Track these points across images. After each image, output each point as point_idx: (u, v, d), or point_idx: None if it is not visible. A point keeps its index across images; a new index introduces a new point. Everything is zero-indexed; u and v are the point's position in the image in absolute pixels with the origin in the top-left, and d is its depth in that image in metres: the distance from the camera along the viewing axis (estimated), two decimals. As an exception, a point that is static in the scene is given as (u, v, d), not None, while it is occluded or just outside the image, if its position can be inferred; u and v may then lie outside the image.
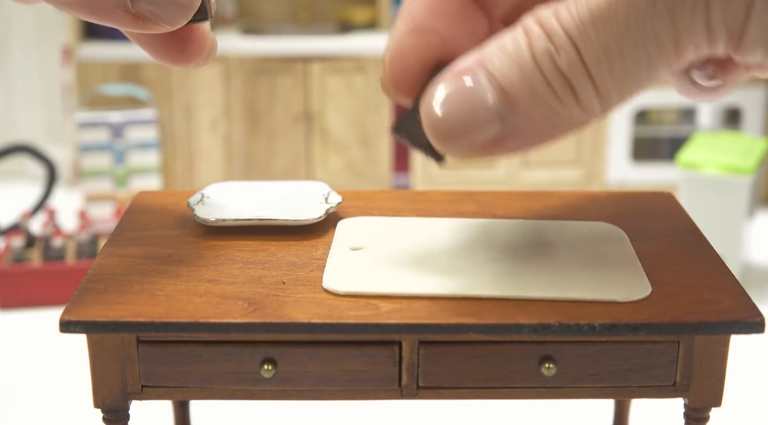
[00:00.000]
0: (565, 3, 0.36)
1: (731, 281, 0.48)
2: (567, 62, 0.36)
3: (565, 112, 0.37)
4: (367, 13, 2.83)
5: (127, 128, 2.42)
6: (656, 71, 0.36)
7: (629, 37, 0.35)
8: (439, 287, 0.46)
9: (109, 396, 0.48)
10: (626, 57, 0.35)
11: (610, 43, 0.35)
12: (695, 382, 0.47)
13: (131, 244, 0.53)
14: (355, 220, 0.56)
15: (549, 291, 0.46)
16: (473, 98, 0.37)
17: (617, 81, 0.36)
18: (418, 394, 0.48)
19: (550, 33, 0.36)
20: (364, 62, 2.67)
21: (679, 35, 0.35)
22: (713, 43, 0.35)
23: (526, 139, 0.38)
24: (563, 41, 0.35)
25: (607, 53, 0.35)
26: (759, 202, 2.47)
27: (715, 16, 0.34)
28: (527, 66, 0.36)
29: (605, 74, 0.36)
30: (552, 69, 0.36)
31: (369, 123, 2.71)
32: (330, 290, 0.47)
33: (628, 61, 0.35)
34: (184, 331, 0.45)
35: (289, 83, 2.65)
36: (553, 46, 0.36)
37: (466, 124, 0.38)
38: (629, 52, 0.35)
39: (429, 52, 0.43)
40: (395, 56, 0.43)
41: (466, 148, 0.39)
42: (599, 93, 0.36)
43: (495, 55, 0.37)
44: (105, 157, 2.42)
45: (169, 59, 0.47)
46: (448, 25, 0.42)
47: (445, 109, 0.38)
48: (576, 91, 0.36)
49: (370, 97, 2.69)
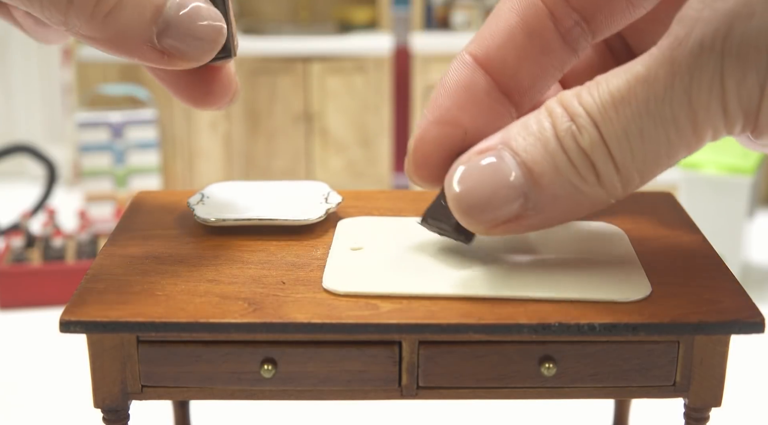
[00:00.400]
0: (587, 86, 0.38)
1: (731, 281, 0.48)
2: (589, 142, 0.37)
3: (587, 190, 0.38)
4: (367, 13, 2.83)
5: (127, 128, 2.42)
6: (676, 153, 0.37)
7: (649, 119, 0.36)
8: (439, 287, 0.47)
9: (109, 396, 0.48)
10: (646, 138, 0.36)
11: (630, 124, 0.36)
12: (695, 382, 0.47)
13: (131, 244, 0.53)
14: (355, 220, 0.56)
15: (549, 291, 0.46)
16: (497, 174, 0.39)
17: (638, 161, 0.37)
18: (418, 394, 0.48)
19: (573, 114, 0.37)
20: (364, 62, 2.66)
21: (697, 117, 0.36)
22: (731, 126, 0.36)
23: (548, 216, 0.40)
24: (585, 122, 0.37)
25: (627, 134, 0.36)
26: (759, 202, 2.47)
27: (730, 97, 0.35)
28: (551, 144, 0.37)
29: (626, 154, 0.37)
30: (574, 148, 0.37)
31: (369, 123, 2.71)
32: (330, 290, 0.47)
33: (648, 143, 0.36)
34: (184, 331, 0.45)
35: (289, 83, 2.65)
36: (576, 126, 0.37)
37: (489, 199, 0.39)
38: (649, 133, 0.36)
39: (451, 144, 0.44)
40: (418, 146, 0.45)
41: (489, 222, 0.40)
42: (620, 173, 0.37)
43: (519, 134, 0.39)
44: (105, 157, 2.42)
45: (192, 100, 0.48)
46: (472, 118, 0.44)
47: (470, 184, 0.40)
48: (598, 170, 0.38)
49: (370, 97, 2.69)
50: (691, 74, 0.35)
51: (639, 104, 0.36)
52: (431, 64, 2.71)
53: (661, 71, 0.36)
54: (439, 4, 2.85)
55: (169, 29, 0.41)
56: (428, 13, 2.84)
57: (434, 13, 2.85)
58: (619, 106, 0.36)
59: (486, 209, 0.40)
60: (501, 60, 0.43)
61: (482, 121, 0.44)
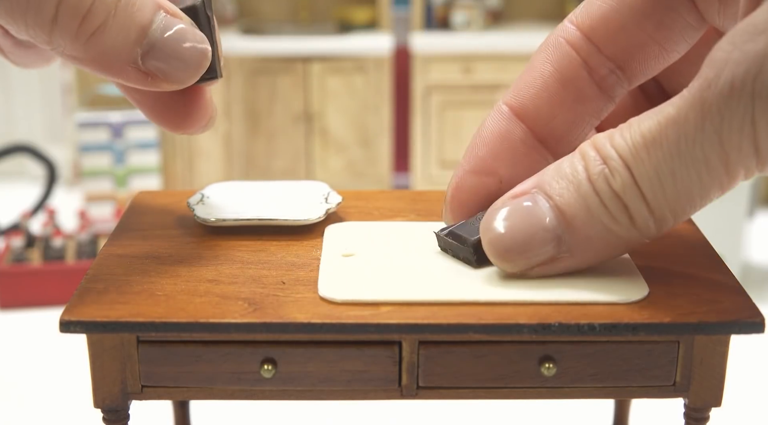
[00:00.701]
0: (619, 128, 0.38)
1: (731, 281, 0.48)
2: (621, 184, 0.38)
3: (620, 231, 0.39)
4: (367, 13, 2.83)
5: (127, 128, 2.42)
6: (708, 192, 0.38)
7: (680, 160, 0.36)
8: (437, 293, 0.46)
9: (109, 396, 0.48)
10: (678, 179, 0.37)
11: (662, 166, 0.37)
12: (695, 382, 0.47)
13: (131, 244, 0.53)
14: (342, 226, 0.56)
15: (546, 294, 0.46)
16: (532, 218, 0.40)
17: (670, 201, 0.38)
18: (418, 394, 0.48)
19: (605, 157, 0.38)
20: (364, 62, 2.67)
21: (729, 157, 0.36)
22: (763, 165, 0.37)
23: (581, 257, 0.41)
24: (617, 164, 0.38)
25: (659, 175, 0.37)
26: (759, 202, 2.48)
27: (762, 137, 0.35)
28: (583, 188, 0.38)
29: (658, 195, 0.37)
30: (607, 190, 0.38)
31: (369, 123, 2.71)
32: (327, 298, 0.46)
33: (680, 183, 0.37)
34: (184, 331, 0.45)
35: (289, 83, 2.65)
36: (608, 169, 0.38)
37: (525, 243, 0.41)
38: (681, 174, 0.37)
39: (487, 192, 0.45)
40: (455, 194, 0.47)
41: (526, 264, 0.42)
42: (653, 213, 0.38)
43: (552, 178, 0.40)
44: (105, 157, 2.41)
45: (169, 124, 0.48)
46: (508, 166, 0.45)
47: (506, 229, 0.41)
48: (630, 212, 0.38)
49: (370, 97, 2.69)
50: (722, 115, 0.36)
51: (670, 145, 0.36)
52: (431, 64, 2.71)
53: (692, 112, 0.36)
54: (439, 4, 2.85)
55: (153, 51, 0.41)
56: (428, 13, 2.84)
57: (434, 13, 2.85)
58: (650, 147, 0.37)
59: (523, 252, 0.41)
60: (536, 109, 0.44)
61: (518, 169, 0.45)
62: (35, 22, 0.38)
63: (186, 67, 0.42)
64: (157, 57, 0.41)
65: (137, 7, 0.40)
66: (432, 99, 2.73)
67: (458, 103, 2.75)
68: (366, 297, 0.46)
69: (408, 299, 0.46)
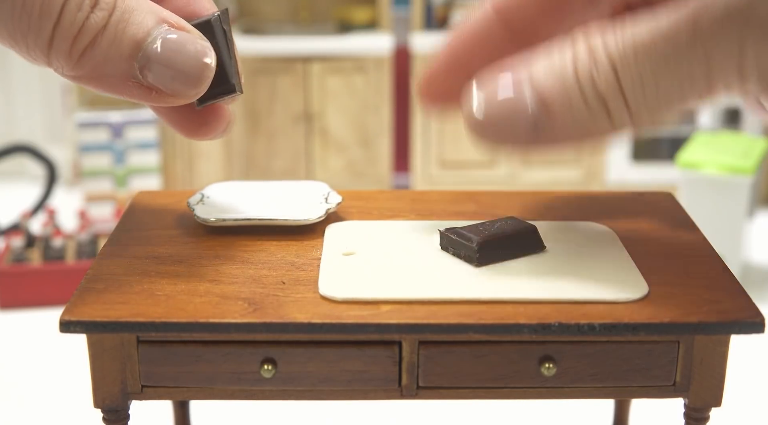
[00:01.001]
0: (612, 27, 0.40)
1: (731, 281, 0.48)
2: (605, 85, 0.39)
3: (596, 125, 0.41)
4: (367, 13, 2.83)
5: (127, 128, 2.42)
6: (687, 102, 0.40)
7: (666, 71, 0.38)
8: (438, 291, 0.46)
9: (109, 396, 0.48)
10: (660, 87, 0.39)
11: (647, 73, 0.39)
12: (695, 382, 0.47)
13: (131, 244, 0.53)
14: (343, 225, 0.56)
15: (546, 292, 0.46)
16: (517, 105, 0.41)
17: (650, 105, 0.40)
18: (418, 394, 0.48)
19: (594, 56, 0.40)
20: (364, 62, 2.67)
21: (712, 74, 0.38)
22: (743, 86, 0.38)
23: (555, 141, 0.42)
24: (604, 65, 0.39)
25: (643, 81, 0.39)
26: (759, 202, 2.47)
27: (748, 63, 0.37)
28: (569, 82, 0.40)
29: (639, 98, 0.39)
30: (591, 89, 0.40)
31: (369, 123, 2.71)
32: (327, 297, 0.46)
33: (662, 91, 0.39)
34: (184, 331, 0.45)
35: (289, 83, 2.65)
36: (596, 69, 0.39)
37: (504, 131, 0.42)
38: (664, 83, 0.39)
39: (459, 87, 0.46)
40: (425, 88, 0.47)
41: (501, 147, 0.43)
42: (631, 114, 0.40)
43: (541, 67, 0.41)
44: (105, 157, 2.41)
45: (186, 131, 0.48)
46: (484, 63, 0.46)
47: (487, 113, 0.42)
48: (609, 110, 0.40)
49: (370, 97, 2.69)
50: (713, 37, 0.37)
51: (658, 56, 0.38)
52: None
53: (684, 30, 0.38)
54: (439, 4, 2.85)
55: (150, 64, 0.41)
56: (428, 13, 2.84)
57: (434, 13, 2.85)
58: (639, 54, 0.38)
59: (502, 138, 0.42)
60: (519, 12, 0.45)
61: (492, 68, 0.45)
62: (35, 44, 0.39)
63: (186, 78, 0.42)
64: (154, 70, 0.41)
65: (131, 21, 0.40)
66: (432, 99, 2.72)
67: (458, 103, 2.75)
68: (366, 295, 0.46)
69: (408, 297, 0.46)
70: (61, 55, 0.40)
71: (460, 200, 0.60)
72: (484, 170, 2.87)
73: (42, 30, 0.39)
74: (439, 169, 2.79)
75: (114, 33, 0.40)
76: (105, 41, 0.40)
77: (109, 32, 0.40)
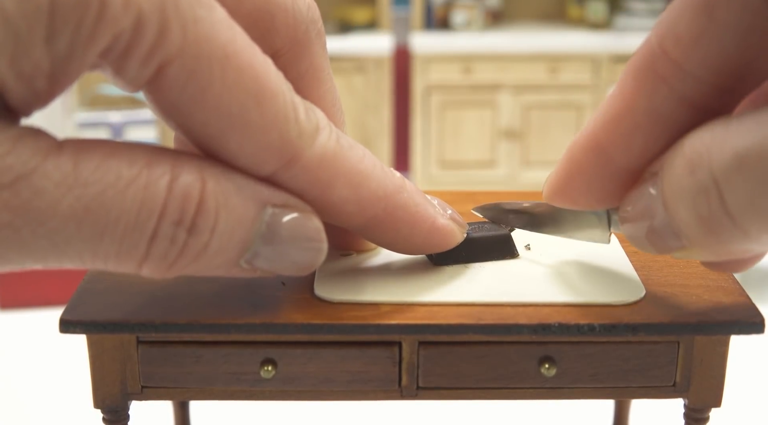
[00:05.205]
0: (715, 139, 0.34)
1: (731, 281, 0.48)
2: (708, 210, 0.34)
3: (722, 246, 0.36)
4: (367, 13, 2.83)
5: (127, 128, 2.42)
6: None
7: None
8: (436, 295, 0.46)
9: (109, 396, 0.48)
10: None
11: (756, 189, 0.33)
12: (695, 382, 0.47)
13: (131, 245, 0.53)
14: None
15: (546, 295, 0.46)
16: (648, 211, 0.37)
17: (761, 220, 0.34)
18: (418, 395, 0.48)
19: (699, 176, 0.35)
20: (364, 62, 2.67)
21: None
22: None
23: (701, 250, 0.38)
24: (710, 186, 0.34)
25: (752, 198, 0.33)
26: (759, 202, 2.47)
27: None
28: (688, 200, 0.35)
29: (748, 214, 0.34)
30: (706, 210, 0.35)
31: (369, 123, 2.71)
32: (323, 299, 0.46)
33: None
34: (184, 332, 0.45)
35: (289, 83, 2.65)
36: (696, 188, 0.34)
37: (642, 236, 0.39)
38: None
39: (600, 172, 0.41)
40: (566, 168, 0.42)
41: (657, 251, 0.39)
42: (747, 235, 0.35)
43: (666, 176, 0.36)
44: (105, 157, 2.41)
45: None
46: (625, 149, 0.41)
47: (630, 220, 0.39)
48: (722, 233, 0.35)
49: (370, 97, 2.69)
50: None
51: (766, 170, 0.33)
52: (431, 64, 2.71)
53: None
54: (439, 4, 2.85)
55: (258, 257, 0.37)
56: (428, 13, 2.85)
57: (434, 13, 2.85)
58: (744, 169, 0.33)
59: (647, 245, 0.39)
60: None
61: None
62: (127, 256, 0.34)
63: (296, 268, 0.38)
64: (261, 262, 0.37)
65: (235, 222, 0.35)
66: (432, 99, 2.73)
67: (458, 103, 2.75)
68: (364, 297, 0.46)
69: (407, 300, 0.46)
70: (159, 269, 0.35)
71: (460, 200, 0.60)
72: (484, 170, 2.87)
73: (133, 253, 0.33)
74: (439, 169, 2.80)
75: (218, 245, 0.35)
76: (212, 249, 0.35)
77: (212, 249, 0.35)
